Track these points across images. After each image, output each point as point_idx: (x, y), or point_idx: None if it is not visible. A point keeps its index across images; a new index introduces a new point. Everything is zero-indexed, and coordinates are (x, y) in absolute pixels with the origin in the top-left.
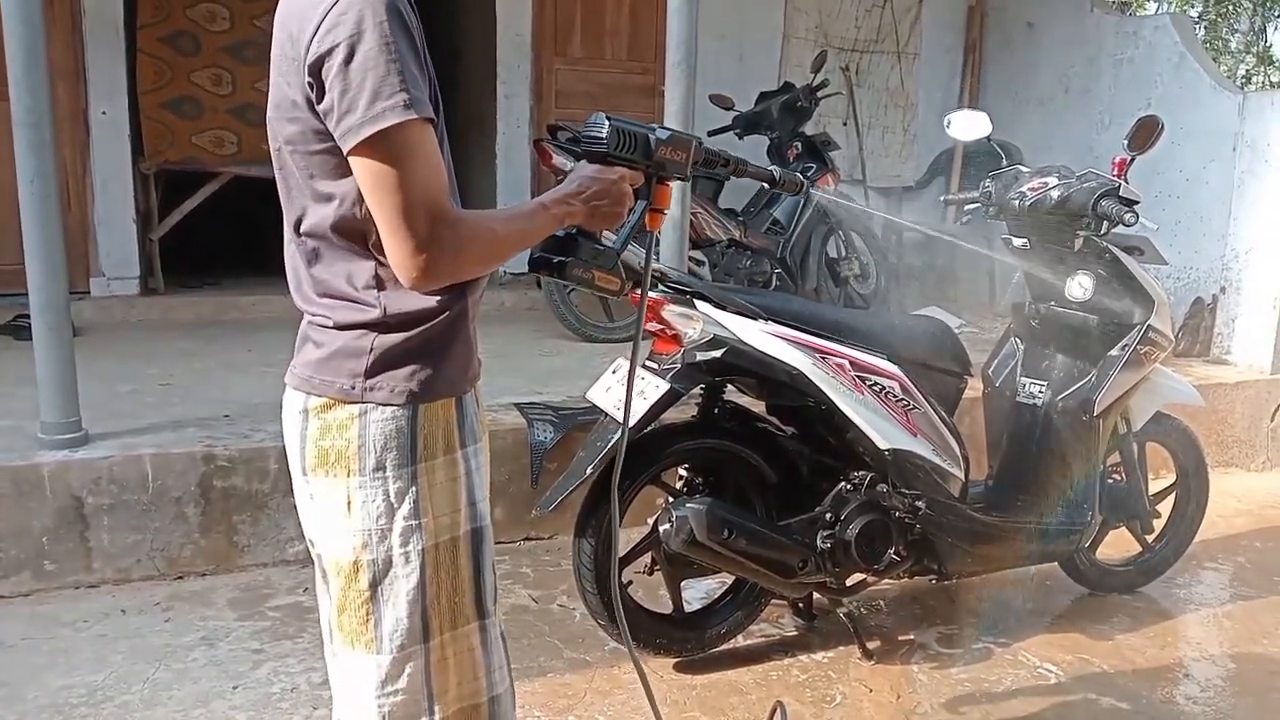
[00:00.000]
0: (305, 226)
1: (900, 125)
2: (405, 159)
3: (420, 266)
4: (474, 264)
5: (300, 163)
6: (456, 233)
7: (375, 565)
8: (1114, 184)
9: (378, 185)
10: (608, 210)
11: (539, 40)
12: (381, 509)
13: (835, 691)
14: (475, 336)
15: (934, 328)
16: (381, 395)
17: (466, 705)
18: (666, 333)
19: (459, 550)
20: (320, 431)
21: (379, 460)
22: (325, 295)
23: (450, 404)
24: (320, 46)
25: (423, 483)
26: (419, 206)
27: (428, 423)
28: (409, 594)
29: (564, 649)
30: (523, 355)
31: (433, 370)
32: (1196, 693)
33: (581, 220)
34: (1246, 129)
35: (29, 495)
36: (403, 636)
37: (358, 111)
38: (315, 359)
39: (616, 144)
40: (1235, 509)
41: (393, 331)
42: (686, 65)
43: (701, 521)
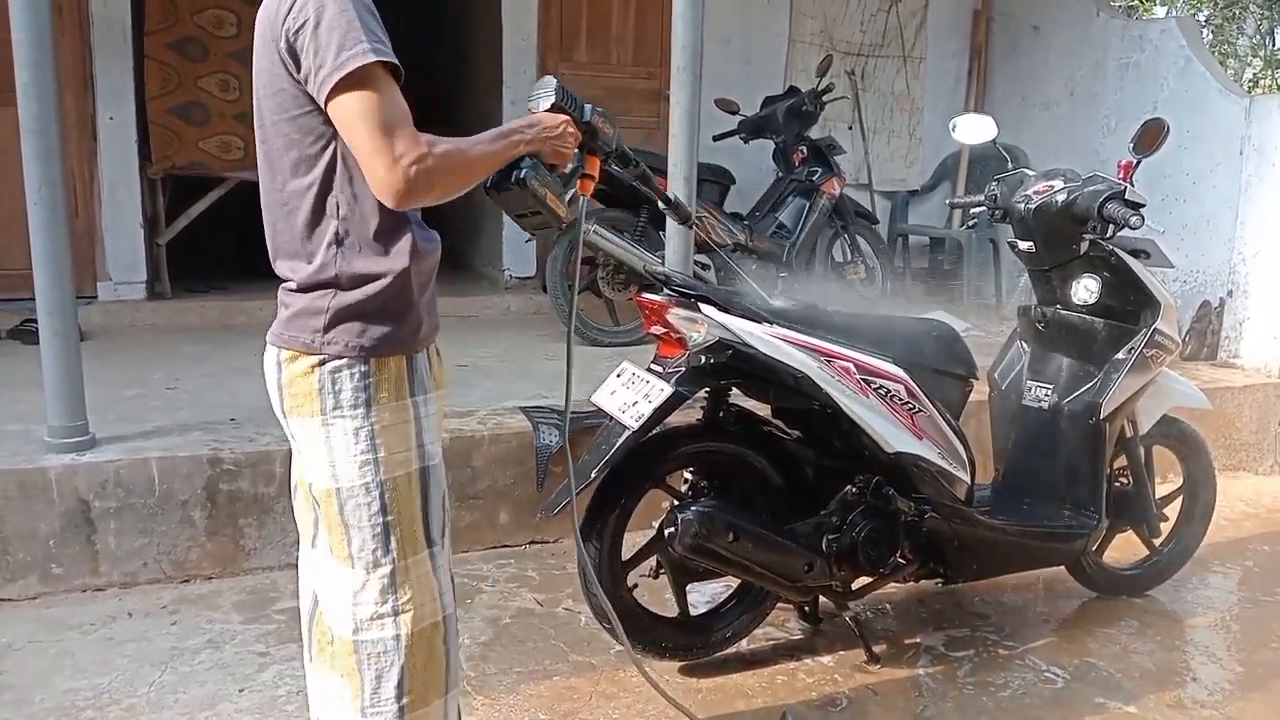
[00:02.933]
0: (282, 195)
1: (906, 129)
2: (374, 92)
3: (400, 179)
4: (447, 179)
5: (284, 131)
6: (429, 149)
7: (341, 494)
8: (1120, 187)
9: (353, 117)
10: (556, 144)
11: (544, 45)
12: (342, 444)
13: (841, 695)
14: (429, 305)
15: (940, 331)
16: (336, 349)
17: (426, 624)
18: (671, 336)
19: (411, 484)
20: (289, 379)
21: (337, 402)
22: (291, 257)
23: (401, 359)
24: (293, 23)
25: (376, 424)
26: (393, 127)
27: (379, 372)
28: (371, 519)
29: (569, 652)
30: (527, 359)
31: (383, 329)
32: (1204, 696)
33: (535, 149)
34: (1253, 132)
35: (36, 499)
36: (368, 555)
37: (328, 64)
38: (284, 318)
39: (562, 98)
40: (1243, 512)
41: (346, 292)
42: (692, 70)
43: (707, 525)
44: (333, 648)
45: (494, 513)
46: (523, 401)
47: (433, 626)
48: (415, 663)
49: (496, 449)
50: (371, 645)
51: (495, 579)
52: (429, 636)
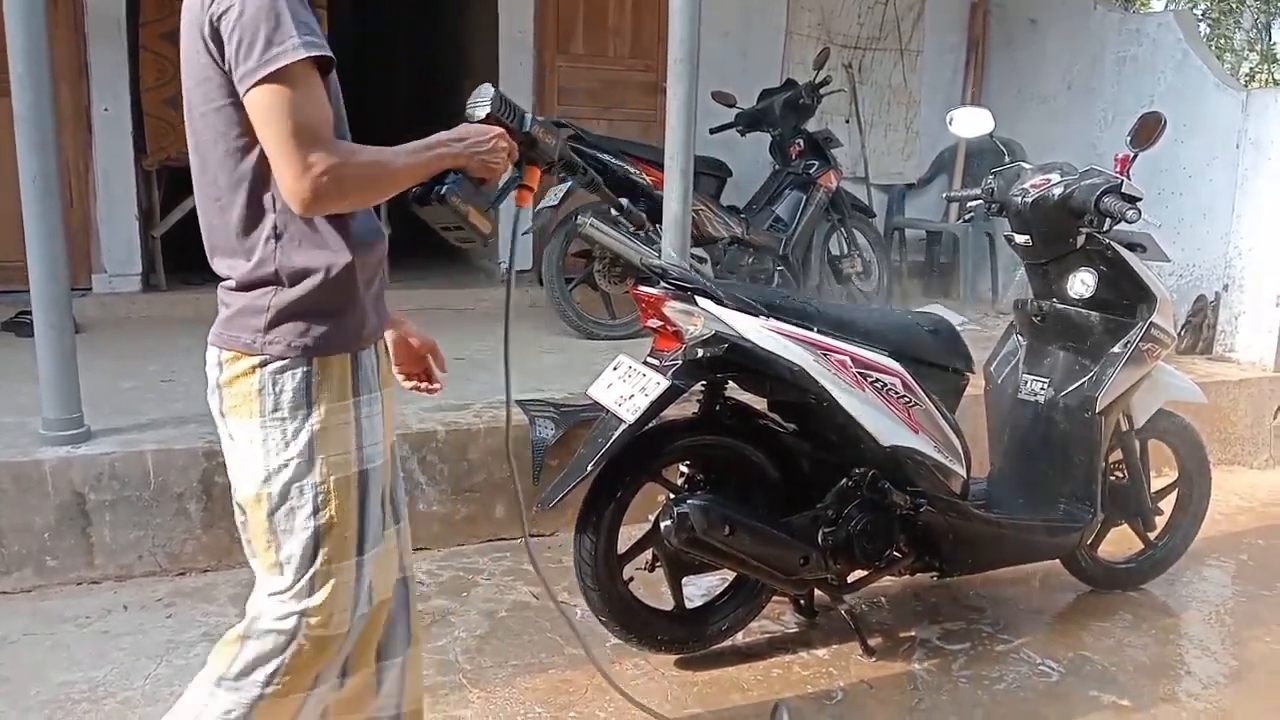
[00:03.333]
0: (215, 190)
1: (903, 122)
2: (291, 92)
3: (308, 186)
4: (360, 190)
5: (212, 123)
6: (341, 156)
7: (273, 498)
8: (1117, 181)
9: (267, 116)
10: (485, 158)
11: (541, 37)
12: (279, 447)
13: (837, 688)
14: (373, 301)
15: (936, 325)
16: (278, 349)
17: (329, 634)
18: (668, 329)
19: (350, 487)
20: (229, 380)
21: (276, 404)
22: (229, 255)
23: (345, 358)
24: (218, 8)
25: (316, 426)
26: (304, 131)
27: (321, 373)
28: (303, 524)
29: (565, 645)
30: (524, 352)
31: (326, 328)
32: (1198, 690)
33: (462, 163)
34: (1250, 126)
35: (31, 491)
36: (296, 560)
37: (252, 59)
38: (224, 317)
39: (499, 108)
40: (1237, 506)
41: (286, 291)
42: (689, 63)
43: (703, 518)
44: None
45: (490, 506)
46: (519, 395)
47: (333, 638)
48: (298, 662)
49: (492, 442)
50: (263, 634)
51: (491, 572)
52: (324, 645)
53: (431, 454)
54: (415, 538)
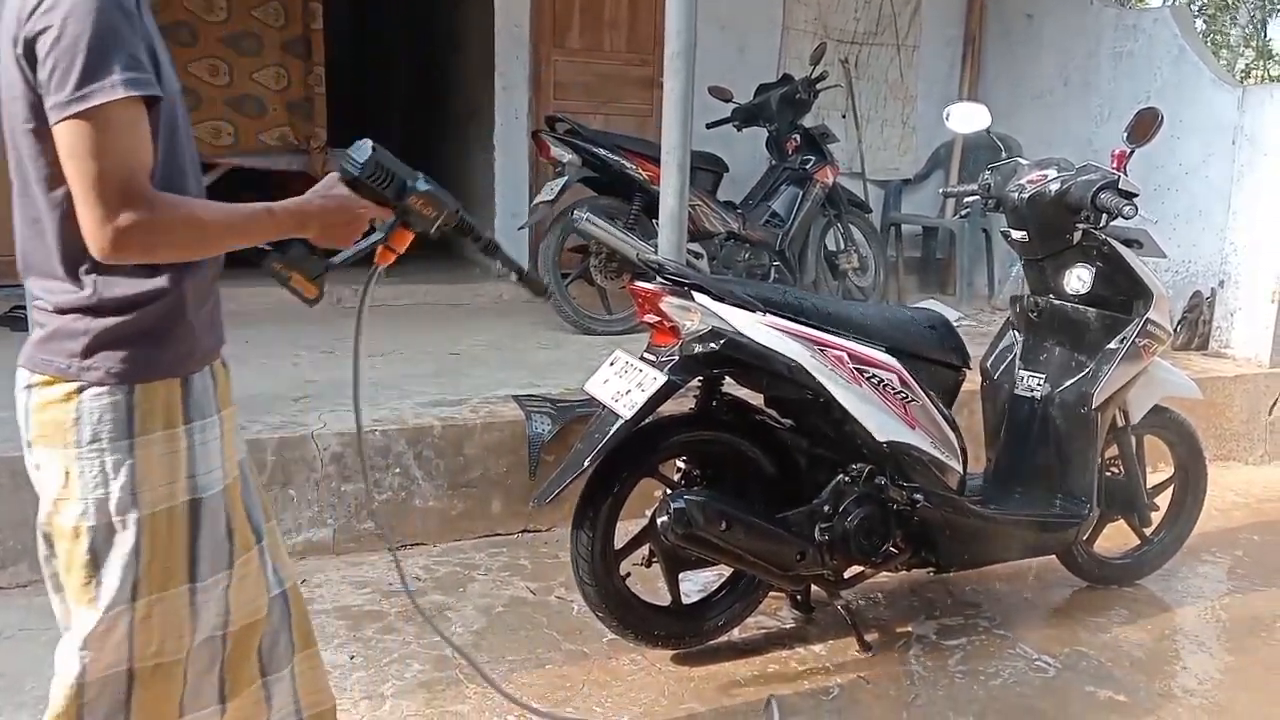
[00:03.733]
0: (33, 210)
1: (899, 118)
2: (104, 133)
3: (108, 237)
4: (169, 245)
5: (28, 142)
6: (150, 210)
7: (95, 531)
8: (1113, 177)
9: (73, 155)
10: (339, 233)
11: (537, 32)
12: (98, 480)
13: (833, 684)
14: (207, 319)
15: (932, 320)
16: (96, 375)
17: (166, 661)
18: (664, 324)
19: (175, 519)
20: (40, 406)
21: (95, 434)
22: (45, 276)
23: (174, 383)
24: (36, 25)
25: (139, 455)
26: (111, 178)
27: (145, 400)
28: (124, 559)
29: (562, 641)
30: (520, 348)
31: (150, 352)
32: (1194, 685)
33: (311, 236)
34: (1246, 123)
35: (26, 486)
36: (112, 596)
37: (66, 89)
38: (37, 339)
39: (371, 174)
40: (1233, 502)
41: (107, 315)
42: (685, 57)
43: (699, 513)
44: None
45: (486, 501)
46: (515, 390)
47: (173, 663)
48: (147, 699)
49: (489, 437)
50: (101, 687)
51: (488, 567)
52: (168, 672)
53: (428, 449)
54: (412, 533)
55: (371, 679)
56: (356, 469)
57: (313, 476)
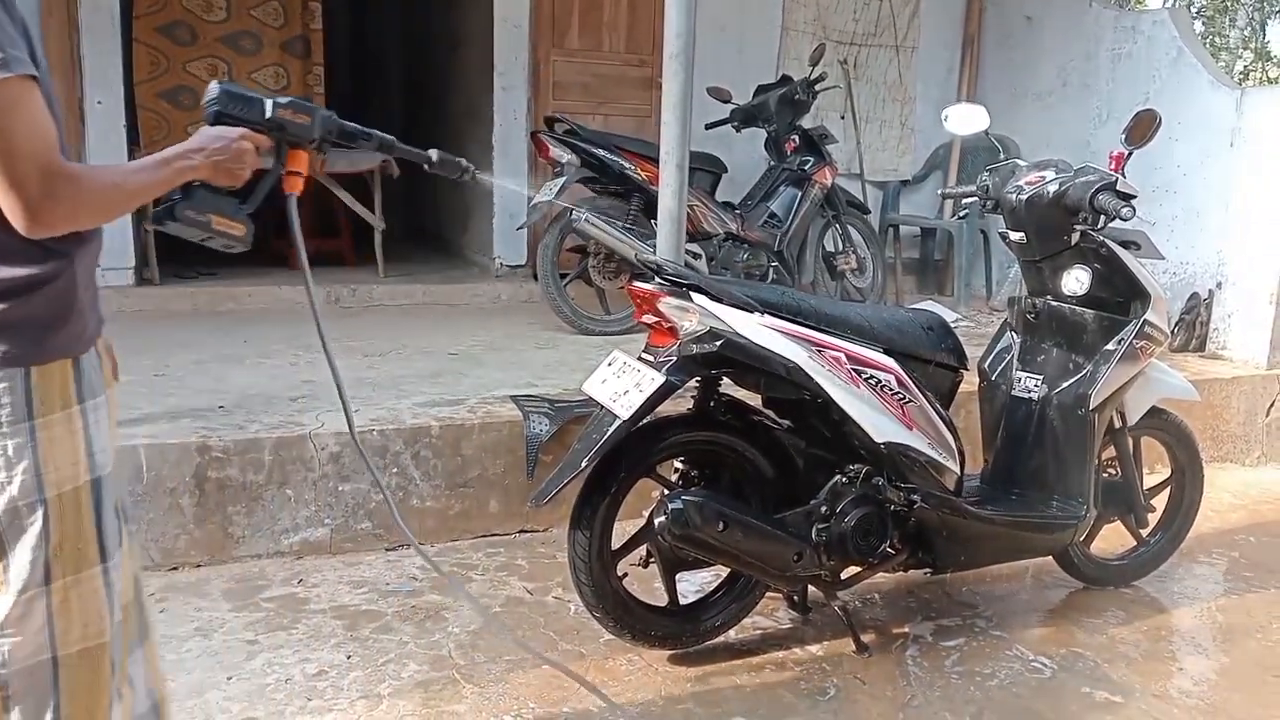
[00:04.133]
0: None
1: (898, 119)
2: (6, 114)
3: (35, 216)
4: (92, 211)
5: None
6: (71, 183)
7: (1, 516)
8: (1111, 178)
9: None
10: (229, 165)
11: (536, 32)
12: (0, 464)
13: (830, 684)
14: (92, 299)
15: (930, 321)
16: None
17: (91, 645)
18: (663, 325)
19: (81, 499)
20: None
21: None
22: None
23: (67, 364)
24: None
25: (41, 437)
26: (28, 159)
27: (42, 382)
28: (33, 541)
29: (559, 641)
30: (518, 348)
31: (44, 334)
32: (1190, 686)
33: (205, 175)
34: (1244, 124)
35: None
36: (24, 580)
37: None
38: None
39: (228, 104)
40: (1230, 504)
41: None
42: (685, 58)
43: (697, 514)
44: None
45: (484, 501)
46: (513, 390)
47: (99, 647)
48: (77, 686)
49: (486, 437)
50: (28, 676)
51: (485, 567)
52: (94, 657)
53: (425, 449)
54: (410, 532)
55: (368, 678)
56: (354, 469)
57: (310, 476)
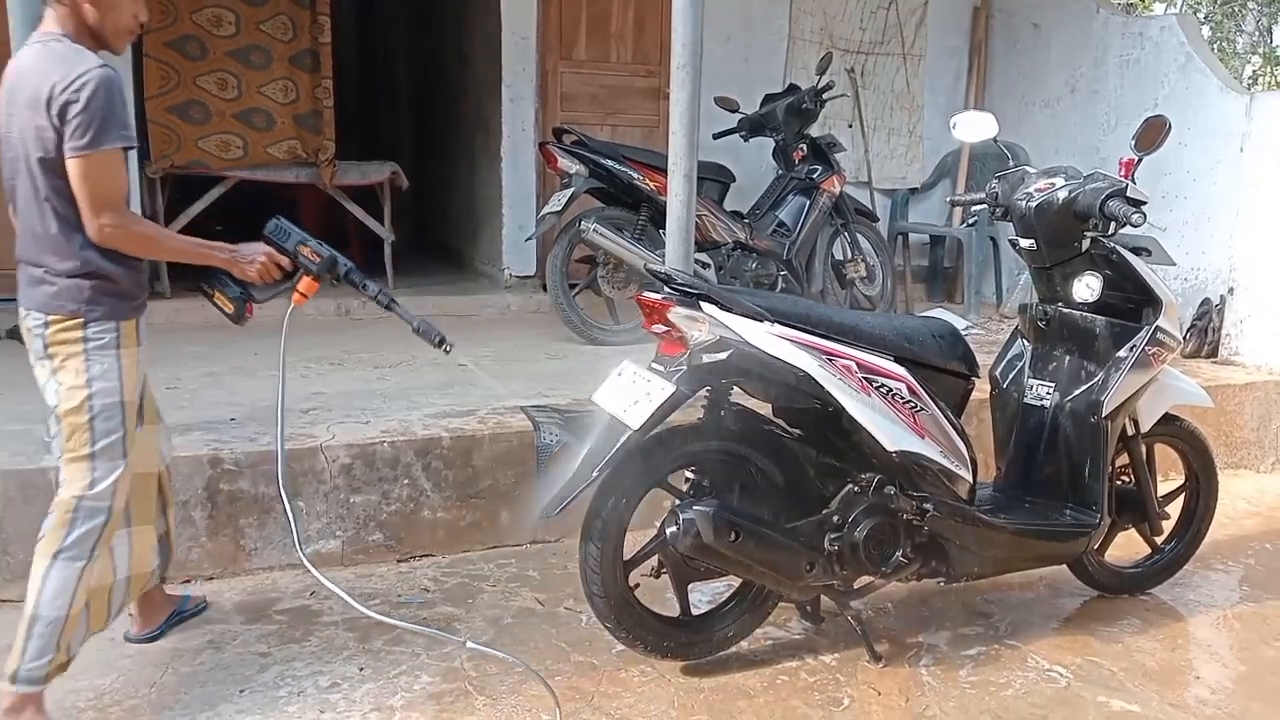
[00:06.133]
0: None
1: (906, 127)
2: (102, 169)
3: (95, 233)
4: (132, 248)
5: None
6: (123, 220)
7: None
8: (1121, 185)
9: (83, 180)
10: (244, 267)
11: (544, 43)
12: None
13: (844, 694)
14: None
15: (941, 329)
16: (95, 314)
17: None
18: (672, 335)
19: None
20: (55, 333)
21: (98, 348)
22: (51, 253)
23: (133, 322)
24: (64, 96)
25: (124, 362)
26: (101, 197)
27: (123, 330)
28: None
29: (570, 652)
30: (529, 358)
31: (126, 302)
32: (1207, 695)
33: (225, 266)
34: (1254, 129)
35: (36, 500)
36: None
37: (83, 139)
38: (51, 292)
39: (272, 231)
40: (1244, 510)
41: (95, 279)
42: (692, 68)
43: (708, 524)
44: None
45: (495, 512)
46: (524, 401)
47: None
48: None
49: (497, 448)
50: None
51: (496, 579)
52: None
53: (436, 460)
54: (420, 543)
55: (380, 691)
56: (365, 480)
57: (321, 489)
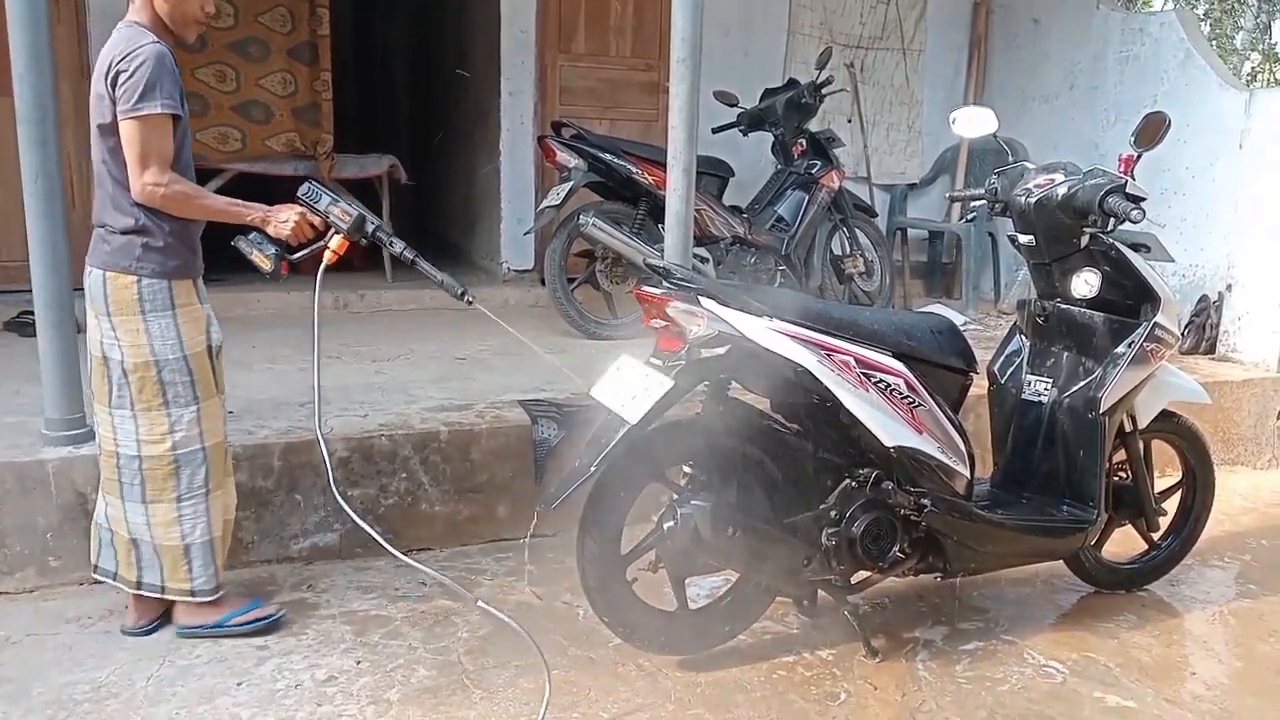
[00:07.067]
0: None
1: (905, 122)
2: (147, 131)
3: (139, 191)
4: (173, 207)
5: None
6: (163, 179)
7: (160, 364)
8: (1121, 181)
9: (129, 141)
10: (280, 225)
11: (543, 37)
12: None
13: (840, 689)
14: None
15: (939, 324)
16: (149, 270)
17: (219, 441)
18: (671, 329)
19: (202, 357)
20: (115, 290)
21: (153, 306)
22: (111, 212)
23: (189, 281)
24: (117, 66)
25: (180, 318)
26: (148, 158)
27: (178, 287)
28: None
29: (568, 646)
30: (526, 352)
31: (176, 261)
32: (1203, 690)
33: (260, 225)
34: (1252, 125)
35: (33, 491)
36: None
37: (129, 102)
38: (108, 250)
39: (305, 192)
40: (1241, 507)
41: (151, 236)
42: (691, 62)
43: (706, 519)
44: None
45: (493, 506)
46: (521, 395)
47: (218, 444)
48: (214, 464)
49: (495, 442)
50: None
51: (494, 572)
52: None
53: (434, 454)
54: (418, 537)
55: (377, 684)
56: (363, 474)
57: (319, 482)
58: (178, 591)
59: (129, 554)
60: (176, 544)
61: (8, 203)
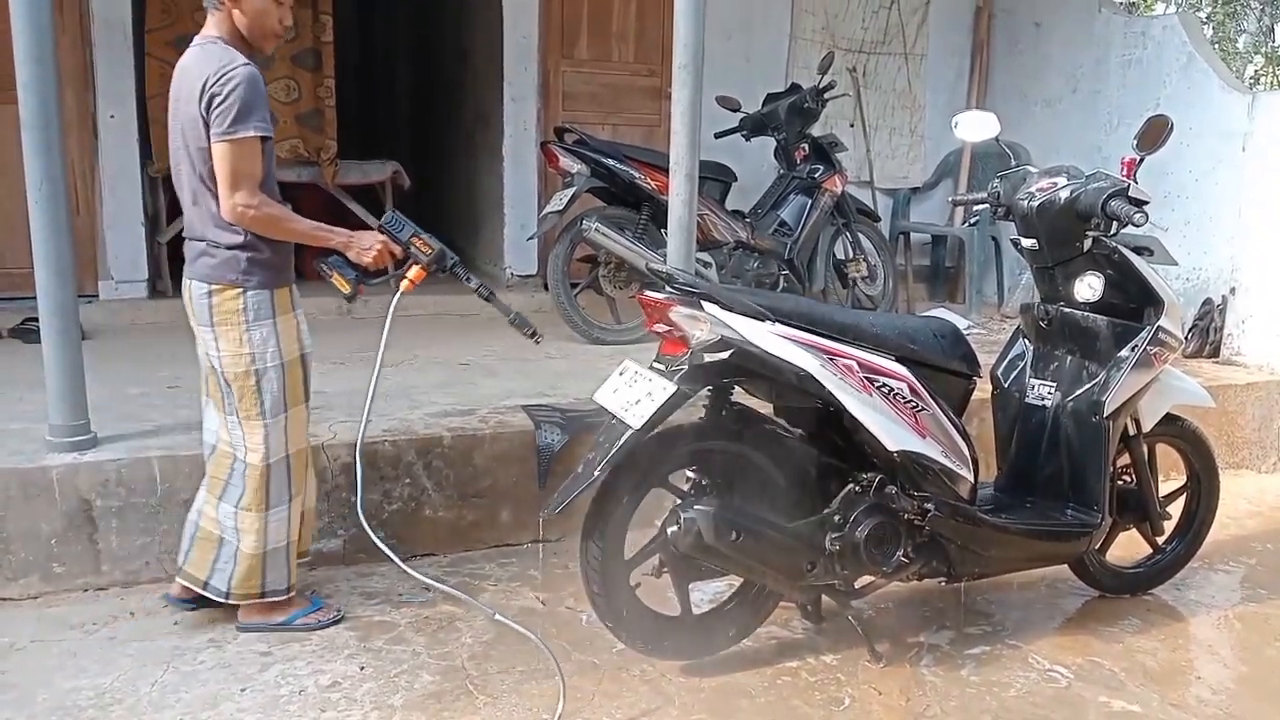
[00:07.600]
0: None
1: (908, 126)
2: (240, 153)
3: (229, 211)
4: (259, 227)
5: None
6: (254, 200)
7: (259, 373)
8: (1123, 184)
9: (221, 162)
10: (363, 252)
11: (546, 42)
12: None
13: (844, 694)
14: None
15: (942, 329)
16: (254, 283)
17: (302, 448)
18: (674, 334)
19: (294, 365)
20: (220, 302)
21: (255, 316)
22: (214, 229)
23: (287, 289)
24: (211, 89)
25: (280, 328)
26: (239, 180)
27: (277, 297)
28: (276, 387)
29: (572, 651)
30: (530, 358)
31: (275, 272)
32: (1208, 695)
33: (342, 249)
34: (1256, 129)
35: (38, 498)
36: (272, 409)
37: (224, 126)
38: (212, 264)
39: (388, 223)
40: (1246, 510)
41: (253, 251)
42: (693, 67)
43: (710, 524)
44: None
45: (496, 511)
46: (524, 400)
47: (302, 451)
48: (298, 471)
49: (498, 447)
50: (277, 467)
51: (498, 578)
52: (304, 454)
53: (438, 459)
54: (421, 543)
55: (381, 690)
56: (367, 479)
57: (323, 488)
58: (242, 597)
59: (207, 553)
60: (257, 553)
61: (12, 210)
